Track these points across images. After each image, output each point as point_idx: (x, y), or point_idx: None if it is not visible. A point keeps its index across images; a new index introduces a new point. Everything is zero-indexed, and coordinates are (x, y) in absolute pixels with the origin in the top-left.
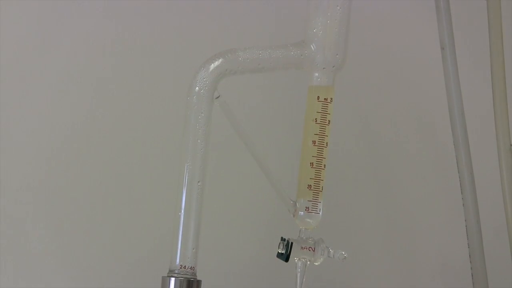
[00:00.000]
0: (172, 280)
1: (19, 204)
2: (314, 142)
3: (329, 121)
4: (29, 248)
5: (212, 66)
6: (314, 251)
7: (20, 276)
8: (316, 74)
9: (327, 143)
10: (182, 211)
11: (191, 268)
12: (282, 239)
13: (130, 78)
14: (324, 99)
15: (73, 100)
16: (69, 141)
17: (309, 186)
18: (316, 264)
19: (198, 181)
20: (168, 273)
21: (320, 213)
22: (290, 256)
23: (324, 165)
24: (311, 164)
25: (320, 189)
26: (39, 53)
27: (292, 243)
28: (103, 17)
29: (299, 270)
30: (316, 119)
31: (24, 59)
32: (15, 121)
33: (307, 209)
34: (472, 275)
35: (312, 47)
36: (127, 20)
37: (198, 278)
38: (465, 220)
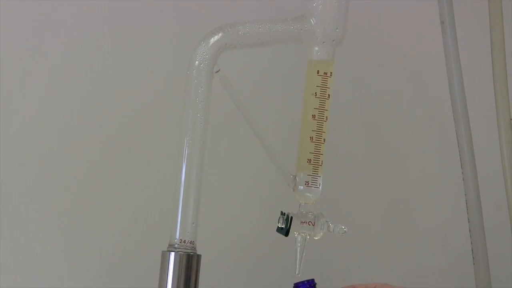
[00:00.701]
0: (172, 254)
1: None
2: (313, 116)
3: (328, 95)
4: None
5: (212, 40)
6: (313, 225)
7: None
8: (316, 48)
9: (327, 117)
10: (182, 185)
11: (191, 243)
12: (282, 214)
13: (130, 53)
14: (324, 73)
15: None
16: (70, 114)
17: (309, 160)
18: (316, 238)
19: (198, 155)
20: (167, 247)
21: (320, 187)
22: (290, 231)
23: (324, 139)
24: (311, 138)
25: (320, 163)
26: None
27: (291, 217)
28: None
29: (299, 244)
30: (315, 93)
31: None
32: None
33: (306, 183)
34: (472, 250)
35: (312, 21)
36: None
37: (198, 253)
38: (465, 195)
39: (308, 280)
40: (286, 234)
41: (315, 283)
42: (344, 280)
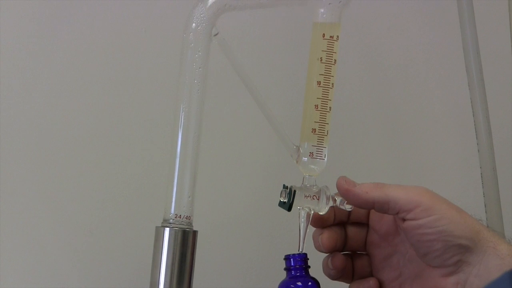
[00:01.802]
0: (167, 230)
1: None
2: (319, 83)
3: (335, 60)
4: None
5: (210, 0)
6: (318, 199)
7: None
8: (322, 10)
9: (333, 84)
10: (178, 155)
11: (186, 218)
12: (284, 187)
13: (123, 12)
14: (330, 36)
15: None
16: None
17: (314, 130)
18: (321, 214)
19: (195, 124)
20: (162, 223)
21: (325, 159)
22: (293, 205)
23: (330, 108)
24: (316, 106)
25: (325, 133)
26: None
27: (295, 191)
28: None
29: (303, 220)
30: (321, 58)
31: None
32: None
33: (311, 154)
34: (487, 226)
35: None
36: None
37: (194, 229)
38: (480, 167)
39: (299, 254)
40: (289, 209)
41: (307, 258)
42: None
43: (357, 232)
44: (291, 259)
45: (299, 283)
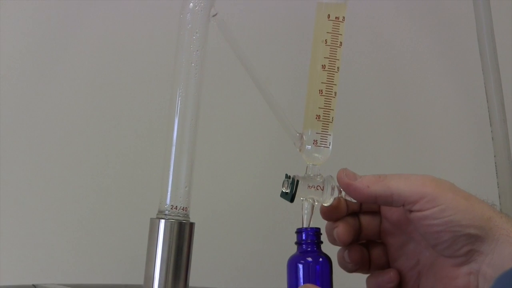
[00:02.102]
0: (162, 222)
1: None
2: (323, 66)
3: (340, 42)
4: None
5: None
6: (322, 190)
7: None
8: None
9: (338, 67)
10: (174, 143)
11: (183, 209)
12: (287, 177)
13: None
14: (336, 17)
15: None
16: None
17: (318, 116)
18: (326, 205)
19: (192, 110)
20: (157, 214)
21: (330, 147)
22: (296, 196)
23: (335, 93)
24: (320, 91)
25: (330, 120)
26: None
27: (297, 181)
28: None
29: (306, 212)
30: (326, 40)
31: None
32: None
33: (315, 142)
34: (500, 211)
35: None
36: None
37: (191, 221)
38: (494, 156)
39: (312, 227)
40: (291, 199)
41: (320, 233)
42: None
43: (371, 220)
44: (303, 233)
45: (310, 259)
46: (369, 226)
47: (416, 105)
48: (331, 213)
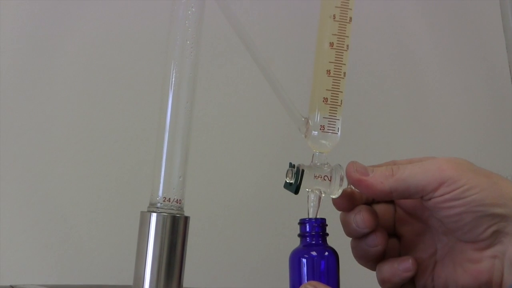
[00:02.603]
0: (154, 216)
1: None
2: (331, 44)
3: (350, 18)
4: None
5: None
6: (330, 180)
7: None
8: None
9: (347, 45)
10: (167, 129)
11: (177, 201)
12: (291, 166)
13: None
14: None
15: None
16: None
17: (325, 99)
18: (333, 197)
19: (187, 92)
20: (148, 207)
21: (339, 133)
22: (301, 187)
23: (344, 73)
24: (328, 71)
25: (339, 103)
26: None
27: (303, 170)
28: None
29: (312, 204)
30: (334, 15)
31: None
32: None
33: (322, 127)
34: None
35: None
36: None
37: (186, 214)
38: None
39: (317, 218)
40: (296, 191)
41: (326, 224)
42: None
43: (386, 210)
44: (307, 224)
45: (314, 253)
46: (384, 216)
47: (432, 87)
48: (349, 201)
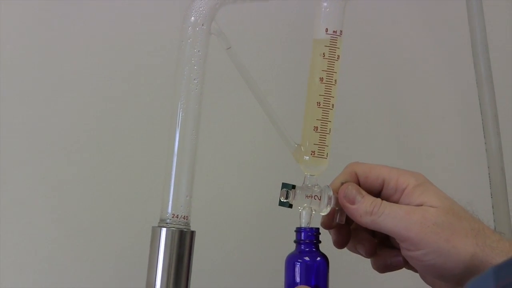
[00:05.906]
0: (163, 230)
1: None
2: (321, 79)
3: (338, 56)
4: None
5: None
6: (320, 200)
7: None
8: (325, 4)
9: (336, 80)
10: (175, 154)
11: (184, 218)
12: (284, 186)
13: (119, 4)
14: (333, 31)
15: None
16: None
17: (316, 128)
18: (322, 214)
19: (193, 121)
20: (158, 222)
21: (328, 158)
22: (294, 205)
23: (333, 105)
24: (318, 103)
25: (328, 132)
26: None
27: (295, 190)
28: None
29: (303, 221)
30: (324, 53)
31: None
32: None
33: (313, 153)
34: (494, 228)
35: None
36: None
37: (192, 229)
38: (488, 167)
39: (311, 228)
40: (291, 206)
41: (319, 233)
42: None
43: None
44: (302, 232)
45: (307, 258)
46: (380, 234)
47: (412, 116)
48: (328, 221)
